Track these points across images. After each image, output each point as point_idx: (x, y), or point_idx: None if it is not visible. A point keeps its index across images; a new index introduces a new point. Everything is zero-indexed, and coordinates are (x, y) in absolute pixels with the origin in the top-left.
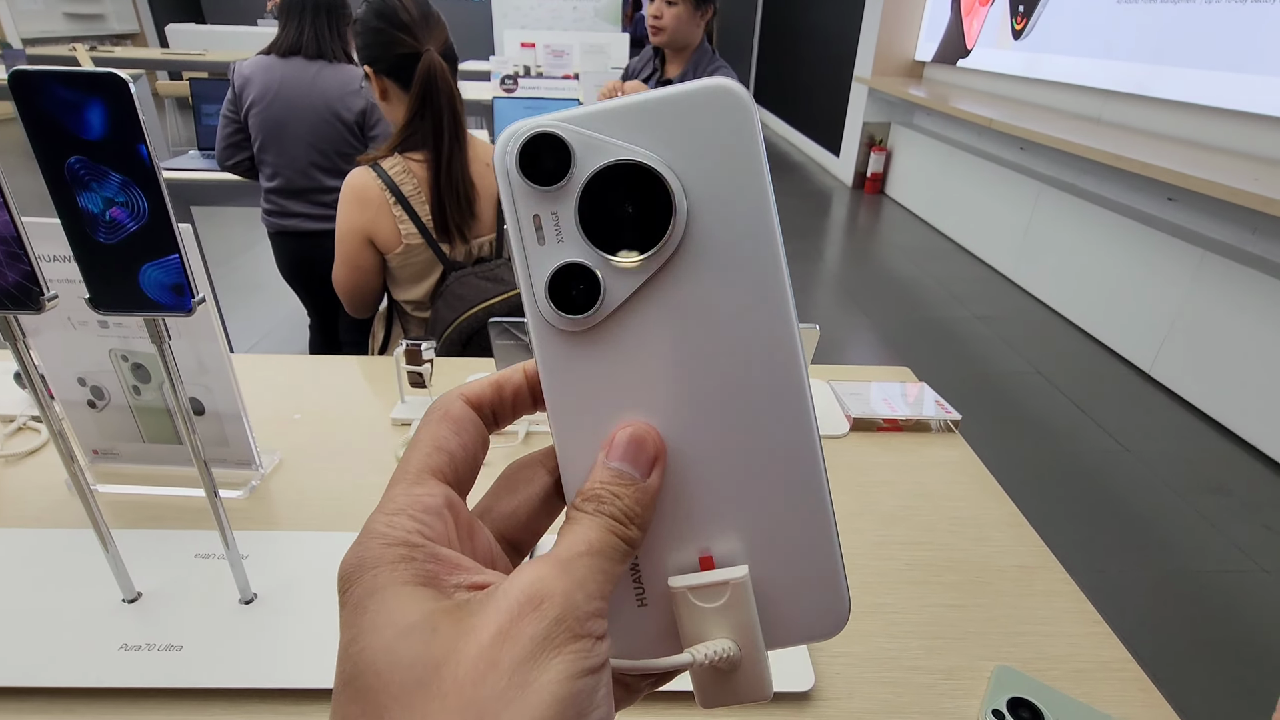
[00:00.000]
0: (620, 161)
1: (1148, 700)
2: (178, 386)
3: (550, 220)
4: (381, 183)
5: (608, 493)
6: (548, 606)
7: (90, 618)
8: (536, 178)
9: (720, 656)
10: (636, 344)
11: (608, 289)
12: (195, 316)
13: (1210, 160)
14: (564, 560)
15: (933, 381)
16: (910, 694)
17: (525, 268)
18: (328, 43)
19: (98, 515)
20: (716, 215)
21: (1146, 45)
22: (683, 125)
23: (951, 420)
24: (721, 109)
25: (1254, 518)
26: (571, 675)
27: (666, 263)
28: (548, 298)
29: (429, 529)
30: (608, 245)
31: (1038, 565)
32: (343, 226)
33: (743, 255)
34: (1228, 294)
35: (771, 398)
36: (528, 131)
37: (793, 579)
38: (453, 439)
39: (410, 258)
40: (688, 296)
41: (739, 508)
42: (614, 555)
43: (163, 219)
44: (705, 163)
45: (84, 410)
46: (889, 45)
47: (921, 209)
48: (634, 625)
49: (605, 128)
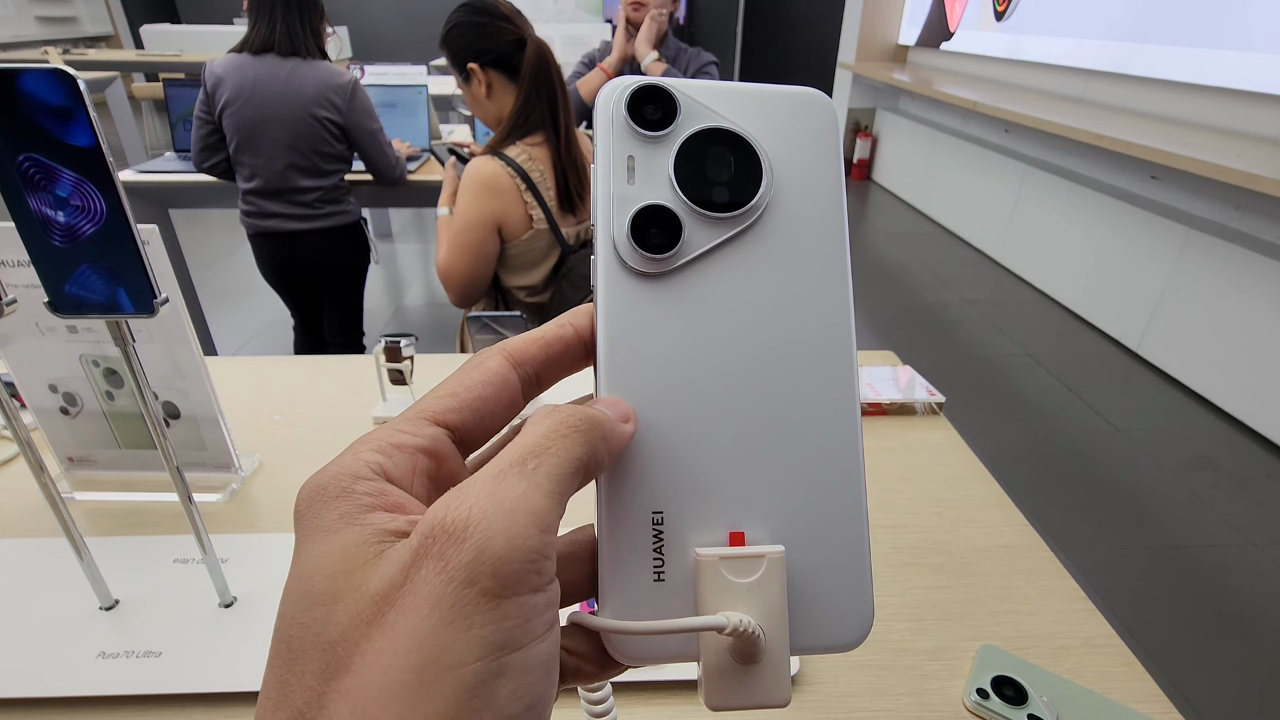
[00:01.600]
0: (723, 127)
1: (1131, 674)
2: (144, 390)
3: (644, 163)
4: (510, 170)
5: (577, 405)
6: (452, 547)
7: (67, 626)
8: (640, 122)
9: (750, 630)
10: (703, 300)
11: (687, 237)
12: (168, 319)
13: (1192, 138)
14: (494, 474)
15: (922, 365)
16: (895, 676)
17: (610, 203)
18: (301, 39)
19: (70, 523)
20: (796, 200)
21: (1127, 23)
22: (779, 116)
23: (936, 403)
24: (813, 112)
25: (1243, 493)
26: (487, 654)
27: (744, 230)
28: (629, 233)
29: (391, 466)
30: (696, 197)
31: (1022, 544)
32: (470, 216)
33: (814, 240)
34: (1213, 271)
35: (823, 383)
36: (641, 82)
37: (823, 576)
38: (475, 389)
39: (534, 243)
40: (758, 267)
41: (778, 488)
42: (566, 464)
43: (120, 219)
44: (793, 152)
45: (57, 417)
46: (872, 30)
47: (908, 194)
48: (646, 601)
49: (711, 100)
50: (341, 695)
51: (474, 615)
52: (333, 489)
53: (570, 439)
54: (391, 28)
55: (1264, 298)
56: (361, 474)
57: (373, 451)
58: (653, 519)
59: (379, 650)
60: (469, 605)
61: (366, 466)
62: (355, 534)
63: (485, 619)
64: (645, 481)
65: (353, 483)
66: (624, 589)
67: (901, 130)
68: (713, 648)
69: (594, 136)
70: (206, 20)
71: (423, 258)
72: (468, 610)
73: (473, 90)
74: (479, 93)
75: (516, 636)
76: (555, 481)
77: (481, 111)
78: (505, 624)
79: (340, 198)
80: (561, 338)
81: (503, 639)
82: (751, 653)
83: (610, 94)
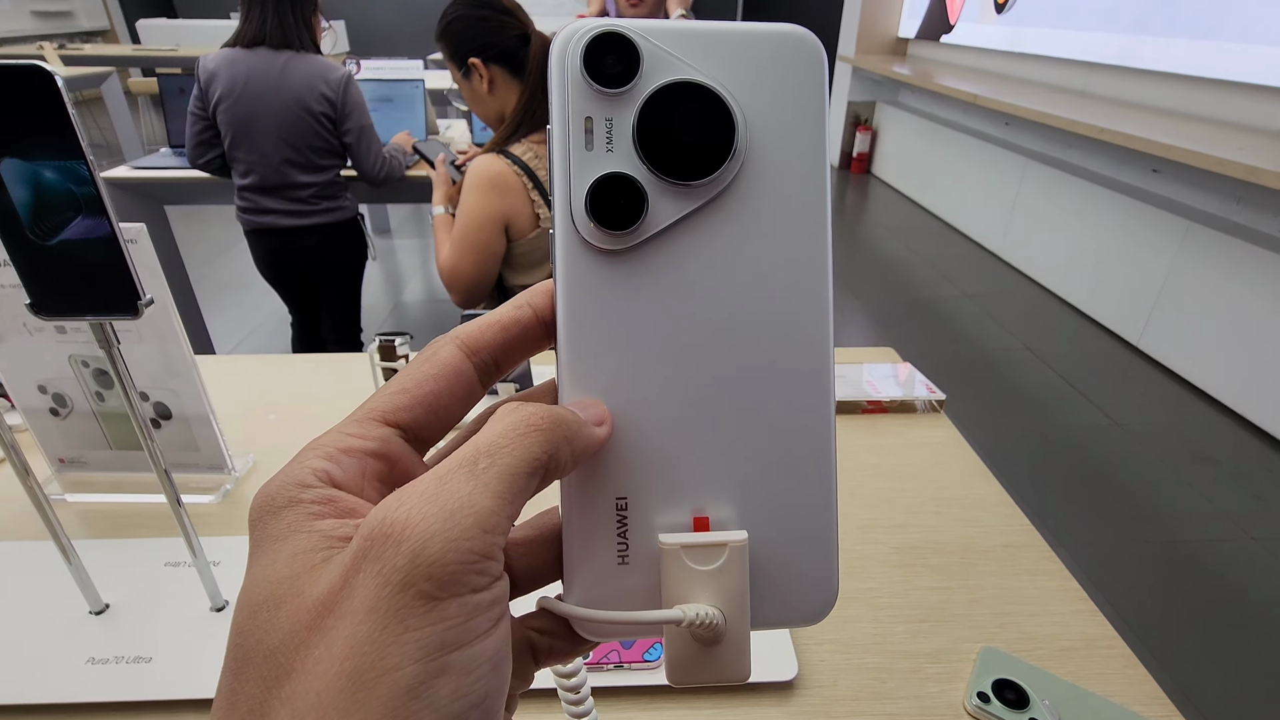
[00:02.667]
0: (691, 81)
1: (1133, 676)
2: (130, 391)
3: (603, 126)
4: (516, 168)
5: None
6: (389, 550)
7: (56, 631)
8: (598, 77)
9: (709, 620)
10: (670, 277)
11: (651, 209)
12: (159, 318)
13: (1194, 130)
14: (441, 475)
15: (923, 361)
16: (895, 679)
17: (566, 173)
18: (293, 31)
19: (57, 526)
20: (772, 162)
21: (1129, 15)
22: (756, 63)
23: (936, 400)
24: (797, 56)
25: (1243, 487)
26: (424, 655)
27: (713, 199)
28: (586, 207)
29: (339, 472)
30: (660, 164)
31: (1023, 544)
32: (477, 215)
33: (791, 209)
34: (1213, 264)
35: (796, 361)
36: (598, 28)
37: (787, 555)
38: (425, 383)
39: (539, 241)
40: (729, 238)
41: (744, 470)
42: (522, 464)
43: (103, 218)
44: (771, 106)
45: (47, 418)
46: (872, 23)
47: (908, 188)
48: (609, 584)
49: (679, 46)
50: (282, 702)
51: (410, 619)
52: (281, 499)
53: (529, 439)
54: (388, 22)
55: (1265, 292)
56: (308, 482)
57: (320, 459)
58: (616, 504)
59: (318, 657)
60: (404, 609)
61: (313, 474)
62: (302, 541)
63: (422, 621)
64: (609, 466)
65: (300, 491)
66: (589, 573)
67: (902, 124)
68: (675, 630)
69: (549, 93)
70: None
71: (421, 253)
72: (403, 614)
73: (473, 86)
74: (480, 89)
75: (457, 636)
76: (506, 482)
77: (481, 108)
78: (443, 625)
79: (337, 193)
80: (519, 320)
81: (441, 640)
82: (712, 637)
83: (565, 43)
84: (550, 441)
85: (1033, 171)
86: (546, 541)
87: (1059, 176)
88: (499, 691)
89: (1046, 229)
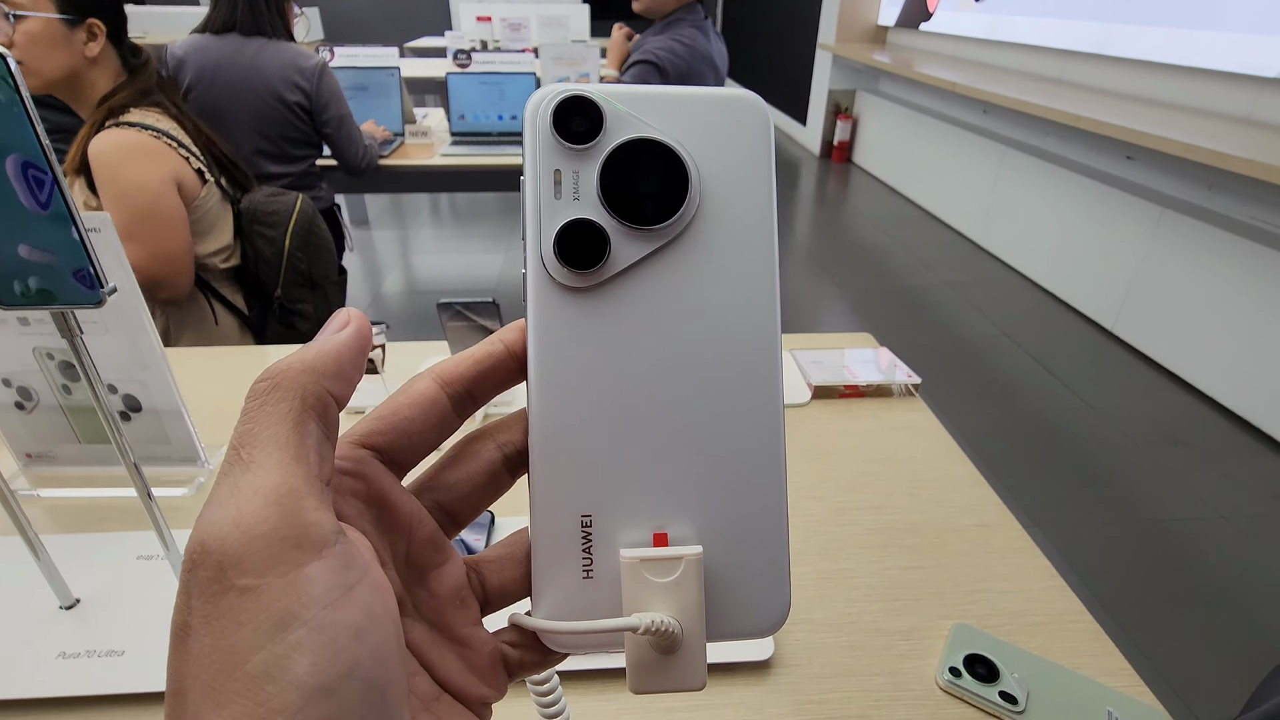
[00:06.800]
0: (649, 138)
1: (1099, 649)
2: (95, 382)
3: (570, 178)
4: (152, 132)
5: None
6: (200, 567)
7: (25, 627)
8: (566, 135)
9: (665, 628)
10: (631, 311)
11: (614, 251)
12: (126, 309)
13: (1167, 118)
14: (220, 482)
15: (902, 347)
16: (869, 656)
17: (538, 218)
18: (265, 17)
19: (24, 521)
20: (723, 209)
21: (1104, 3)
22: (710, 121)
23: (912, 384)
24: (745, 116)
25: (1212, 467)
26: (266, 640)
27: (670, 242)
28: (555, 249)
29: None
30: (622, 211)
31: (995, 523)
32: (150, 184)
33: (741, 250)
34: (1186, 250)
35: (746, 388)
36: (566, 91)
37: (742, 569)
38: (400, 411)
39: (210, 201)
40: (686, 277)
41: (701, 489)
42: (282, 426)
43: (62, 206)
44: (723, 159)
45: (12, 413)
46: (852, 11)
47: (889, 176)
48: (575, 598)
49: (638, 108)
50: None
51: (240, 614)
52: None
53: (272, 400)
54: (363, 9)
55: (1235, 277)
56: None
57: None
58: (581, 522)
59: (193, 678)
60: (232, 609)
61: None
62: None
63: (251, 612)
64: (575, 486)
65: None
66: (556, 588)
67: (882, 112)
68: (635, 640)
69: (523, 148)
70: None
71: (400, 244)
72: (233, 612)
73: (71, 41)
74: (84, 49)
75: (294, 611)
76: (277, 450)
77: (50, 66)
78: (276, 606)
79: (312, 184)
80: (491, 354)
81: (277, 619)
82: (669, 646)
83: (537, 105)
84: (294, 386)
85: (1011, 160)
86: (517, 559)
87: (1036, 164)
88: (378, 664)
89: (1024, 216)
